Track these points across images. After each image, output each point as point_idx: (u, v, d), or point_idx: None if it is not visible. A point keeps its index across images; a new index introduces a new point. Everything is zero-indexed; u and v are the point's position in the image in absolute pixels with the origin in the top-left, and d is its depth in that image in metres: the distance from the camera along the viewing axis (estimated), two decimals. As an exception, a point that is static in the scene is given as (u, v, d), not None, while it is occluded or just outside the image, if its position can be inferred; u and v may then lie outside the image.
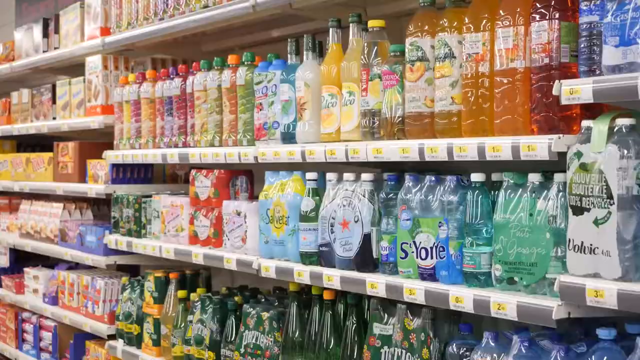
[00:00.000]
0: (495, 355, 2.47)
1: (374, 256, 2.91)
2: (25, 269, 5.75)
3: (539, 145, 2.34)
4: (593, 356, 2.21)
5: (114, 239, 4.52)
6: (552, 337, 2.44)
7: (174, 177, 5.00)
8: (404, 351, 2.76)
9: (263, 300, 3.69)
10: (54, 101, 5.53)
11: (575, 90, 2.23)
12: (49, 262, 6.06)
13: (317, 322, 3.15)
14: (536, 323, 2.36)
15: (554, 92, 2.29)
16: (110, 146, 4.70)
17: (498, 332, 2.53)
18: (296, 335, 3.25)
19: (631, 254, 2.13)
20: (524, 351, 2.39)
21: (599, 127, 2.21)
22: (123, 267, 4.88)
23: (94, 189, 4.74)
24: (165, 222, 4.12)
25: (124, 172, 4.69)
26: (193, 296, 3.95)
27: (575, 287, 2.21)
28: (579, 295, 2.20)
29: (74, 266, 5.40)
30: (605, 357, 2.19)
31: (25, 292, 5.70)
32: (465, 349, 2.59)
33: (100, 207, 5.54)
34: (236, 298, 3.73)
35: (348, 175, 3.03)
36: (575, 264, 2.25)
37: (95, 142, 5.08)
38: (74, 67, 5.40)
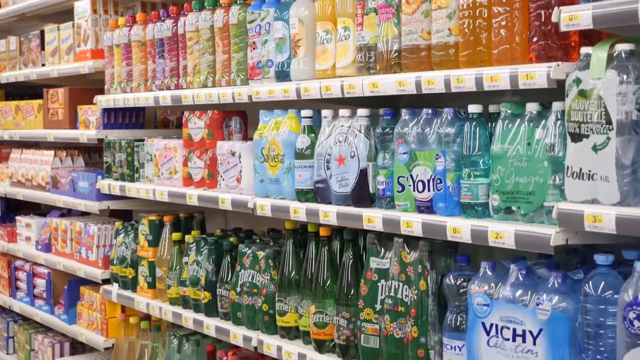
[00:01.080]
0: (492, 284, 2.48)
1: (371, 191, 2.92)
2: (17, 217, 5.73)
3: (537, 74, 2.33)
4: (590, 282, 2.23)
5: (106, 184, 4.51)
6: (549, 265, 2.47)
7: (166, 122, 4.98)
8: (401, 284, 2.78)
9: (258, 240, 3.70)
10: (42, 47, 5.46)
11: (575, 17, 2.22)
12: (40, 210, 6.05)
13: (314, 259, 3.17)
14: (534, 251, 2.37)
15: (553, 18, 2.28)
16: (101, 92, 4.66)
17: (495, 262, 2.55)
18: (292, 273, 3.26)
19: (630, 179, 2.14)
20: (521, 279, 2.42)
21: (598, 54, 2.21)
22: (116, 213, 4.87)
23: (85, 134, 4.72)
24: (159, 165, 4.11)
25: (115, 117, 4.66)
26: (188, 238, 3.95)
27: (573, 213, 2.22)
28: (577, 221, 2.21)
29: (66, 213, 5.39)
30: (602, 282, 2.21)
31: (18, 241, 5.69)
32: (462, 279, 2.61)
33: (92, 155, 5.52)
34: (231, 239, 3.74)
35: (344, 112, 3.02)
36: (574, 191, 2.26)
37: (86, 87, 5.04)
38: (62, 14, 5.33)
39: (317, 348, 3.12)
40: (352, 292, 2.98)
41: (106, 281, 4.60)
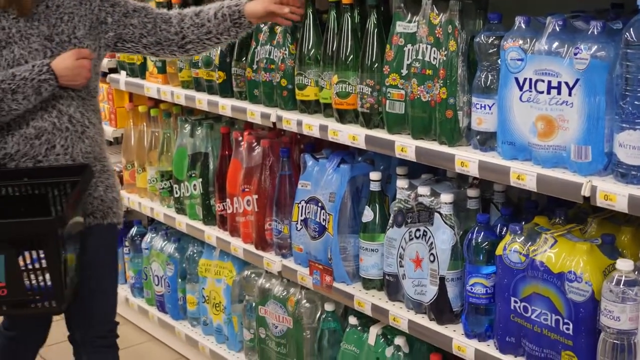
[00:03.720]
0: (527, 39, 2.44)
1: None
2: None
3: None
4: (632, 28, 2.18)
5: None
6: (586, 18, 2.42)
7: None
8: (429, 46, 2.73)
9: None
10: None
11: None
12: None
13: (335, 29, 3.10)
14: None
15: None
16: None
17: (530, 17, 2.49)
18: (312, 45, 3.20)
19: None
20: (557, 30, 2.37)
21: None
22: None
23: None
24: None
25: None
26: (198, 19, 3.85)
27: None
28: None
29: None
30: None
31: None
32: (494, 37, 2.56)
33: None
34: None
35: None
36: None
37: None
38: None
39: (339, 119, 3.11)
40: (377, 58, 2.93)
41: (113, 70, 4.54)
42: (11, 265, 2.65)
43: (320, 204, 3.22)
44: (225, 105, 3.63)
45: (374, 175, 3.07)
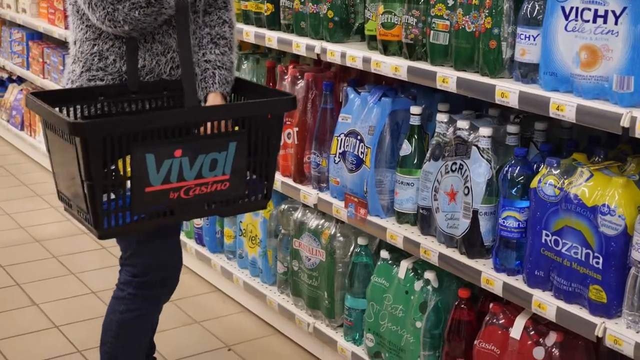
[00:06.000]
0: (576, -33, 2.41)
1: None
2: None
3: None
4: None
5: None
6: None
7: None
8: (477, -24, 2.70)
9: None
10: None
11: None
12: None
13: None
14: None
15: None
16: None
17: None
18: (361, -24, 3.19)
19: None
20: (609, -42, 2.33)
21: None
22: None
23: None
24: None
25: None
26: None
27: None
28: None
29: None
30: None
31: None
32: (543, -33, 2.53)
33: None
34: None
35: None
36: None
37: None
38: None
39: (383, 50, 3.10)
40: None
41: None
42: (240, 154, 2.56)
43: (359, 137, 3.23)
44: (272, 37, 3.64)
45: (415, 109, 3.07)
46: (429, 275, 3.03)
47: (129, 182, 2.44)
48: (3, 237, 5.08)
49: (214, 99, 2.78)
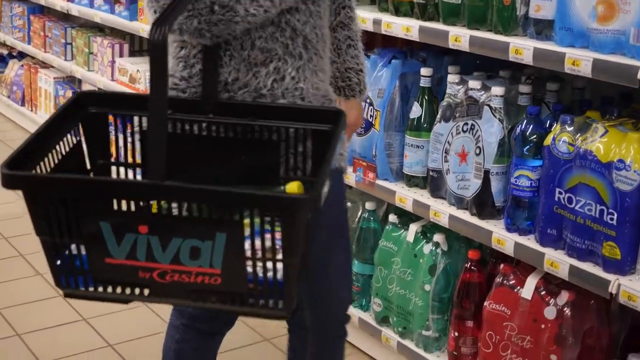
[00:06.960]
0: None
1: None
2: None
3: None
4: None
5: None
6: None
7: None
8: None
9: None
10: None
11: None
12: None
13: None
14: None
15: None
16: None
17: None
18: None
19: None
20: None
21: None
22: None
23: None
24: None
25: None
26: None
27: None
28: None
29: None
30: None
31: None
32: None
33: None
34: None
35: None
36: None
37: None
38: None
39: (394, 12, 3.08)
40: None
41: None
42: (233, 246, 1.70)
43: (368, 100, 3.20)
44: None
45: (425, 71, 3.04)
46: (438, 237, 3.01)
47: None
48: (5, 209, 5.07)
49: (349, 107, 2.35)
